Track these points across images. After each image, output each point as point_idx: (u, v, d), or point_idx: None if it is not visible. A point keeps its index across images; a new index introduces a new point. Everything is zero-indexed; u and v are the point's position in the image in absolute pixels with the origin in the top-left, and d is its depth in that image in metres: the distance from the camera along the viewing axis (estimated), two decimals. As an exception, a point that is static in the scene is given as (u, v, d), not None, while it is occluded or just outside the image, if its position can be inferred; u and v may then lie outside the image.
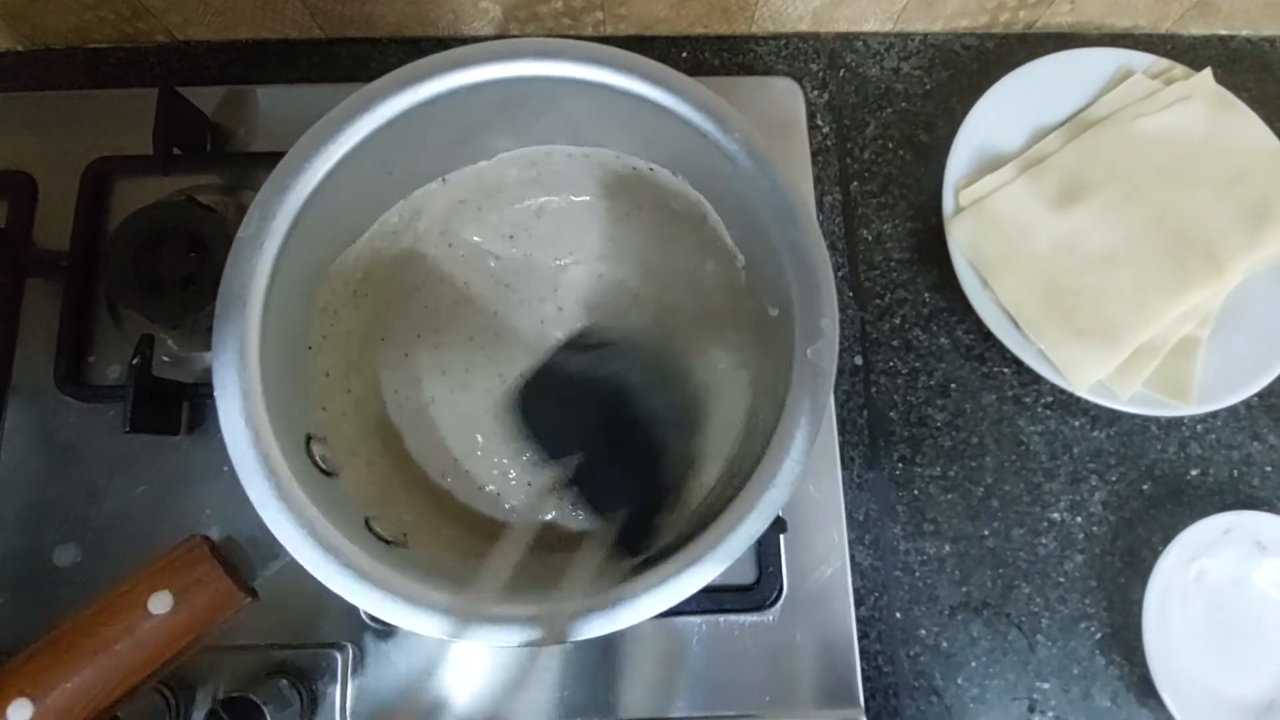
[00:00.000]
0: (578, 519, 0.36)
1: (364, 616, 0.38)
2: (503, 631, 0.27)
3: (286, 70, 0.48)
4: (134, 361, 0.37)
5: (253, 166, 0.44)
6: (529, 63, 0.30)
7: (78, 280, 0.42)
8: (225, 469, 0.29)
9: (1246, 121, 0.45)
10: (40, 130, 0.45)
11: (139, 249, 0.39)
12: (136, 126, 0.42)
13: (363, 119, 0.30)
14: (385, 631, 0.38)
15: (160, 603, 0.25)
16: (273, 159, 0.30)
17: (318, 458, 0.31)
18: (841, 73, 0.49)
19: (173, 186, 0.43)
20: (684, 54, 0.49)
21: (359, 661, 0.38)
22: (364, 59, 0.48)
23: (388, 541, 0.31)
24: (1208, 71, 0.45)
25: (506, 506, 0.37)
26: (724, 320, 0.37)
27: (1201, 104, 0.45)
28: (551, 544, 0.35)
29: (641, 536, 0.30)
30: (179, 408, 0.40)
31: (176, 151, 0.43)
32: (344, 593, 0.27)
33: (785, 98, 0.47)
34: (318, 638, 0.38)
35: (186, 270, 0.39)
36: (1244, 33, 0.50)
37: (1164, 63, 0.46)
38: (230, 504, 0.39)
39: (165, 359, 0.42)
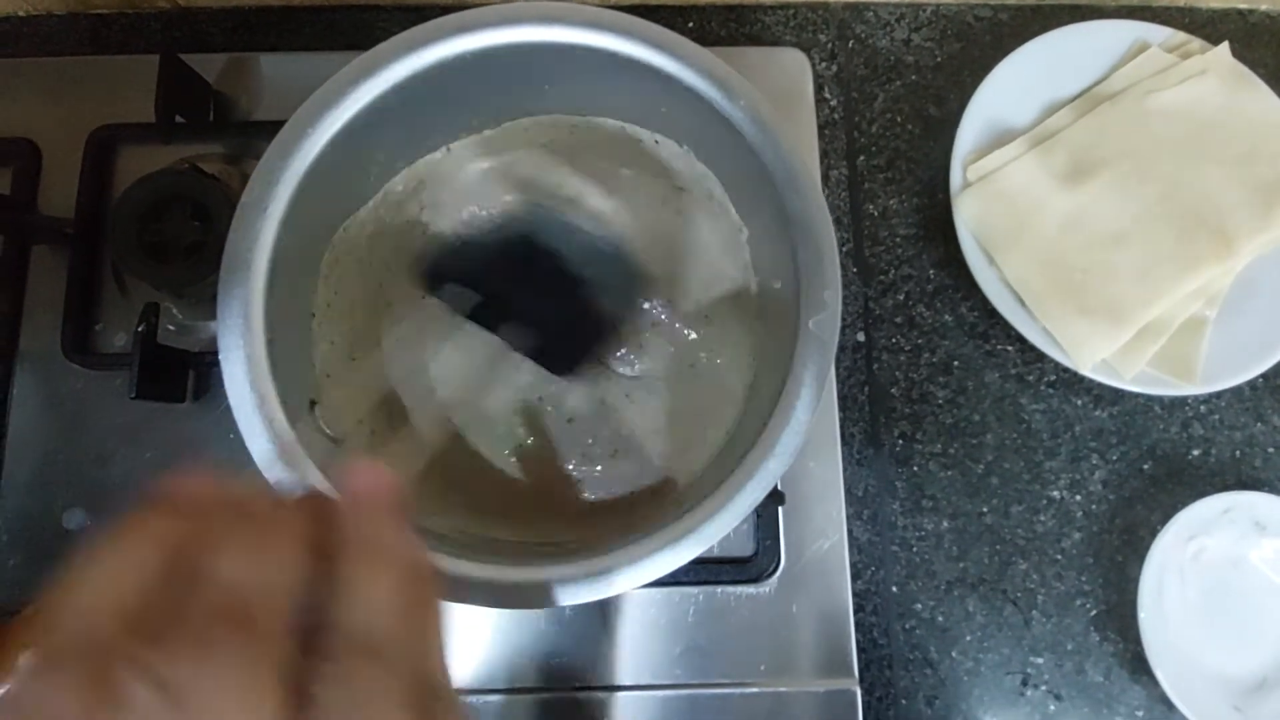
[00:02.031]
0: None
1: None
2: (500, 596, 0.27)
3: (290, 37, 0.47)
4: (139, 329, 0.37)
5: (256, 135, 0.43)
6: (532, 28, 0.30)
7: (83, 248, 0.42)
8: (231, 436, 0.29)
9: (1263, 98, 0.44)
10: (43, 97, 0.45)
11: (143, 217, 0.39)
12: (139, 94, 0.42)
13: (365, 84, 0.30)
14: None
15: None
16: (276, 128, 0.30)
17: (322, 423, 0.31)
18: (850, 44, 0.48)
19: (176, 155, 0.43)
20: (690, 23, 0.48)
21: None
22: (368, 26, 0.47)
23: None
24: (1225, 45, 0.45)
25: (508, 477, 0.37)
26: (726, 291, 0.37)
27: (1218, 79, 0.44)
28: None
29: (577, 360, 0.32)
30: (184, 375, 0.41)
31: (179, 119, 0.43)
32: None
33: (792, 69, 0.46)
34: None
35: (190, 239, 0.39)
36: (1263, 7, 0.49)
37: (1181, 36, 0.45)
38: (237, 470, 0.40)
39: (170, 327, 0.42)
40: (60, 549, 0.40)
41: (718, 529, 0.26)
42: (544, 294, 0.31)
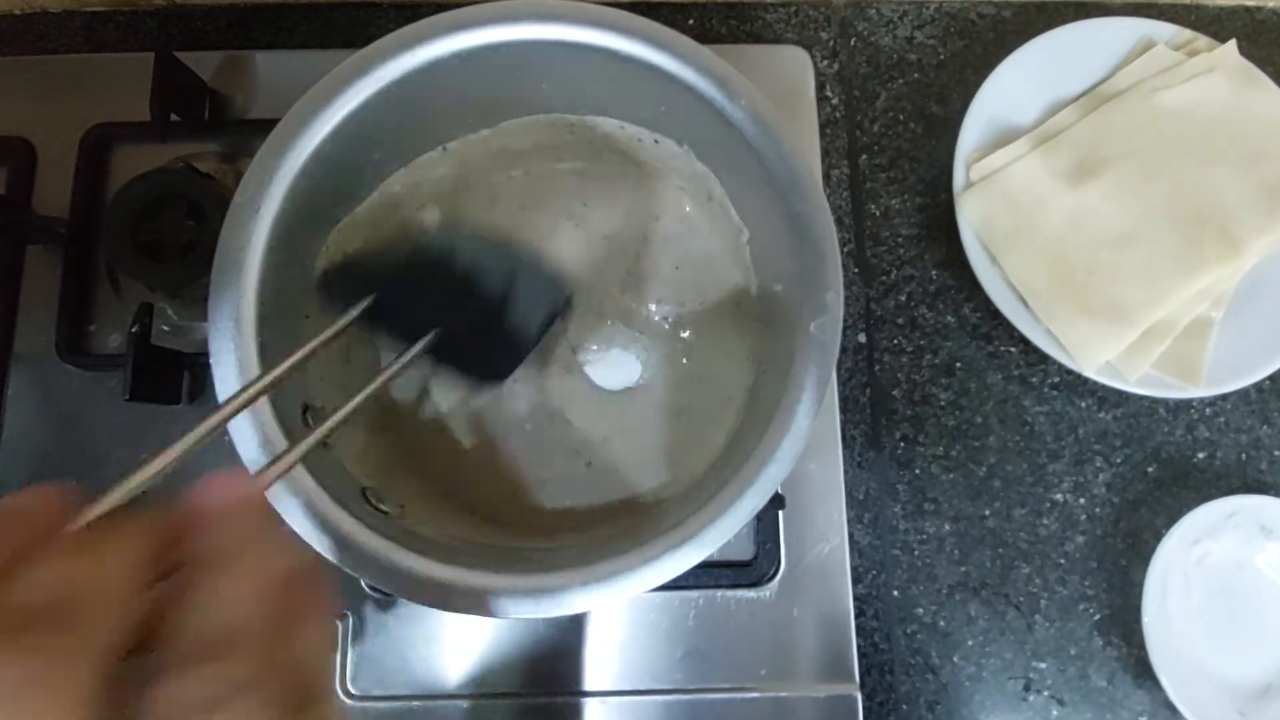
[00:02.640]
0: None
1: (364, 586, 0.38)
2: (497, 604, 0.27)
3: (285, 35, 0.47)
4: (133, 330, 0.37)
5: (251, 134, 0.43)
6: (529, 25, 0.29)
7: (77, 248, 0.42)
8: (225, 438, 0.29)
9: (1271, 97, 0.43)
10: (38, 95, 0.45)
11: (138, 216, 0.38)
12: (134, 92, 0.41)
13: (359, 83, 0.29)
14: (385, 601, 0.39)
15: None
16: (272, 126, 0.30)
17: (314, 428, 0.31)
18: (853, 42, 0.48)
19: (171, 153, 0.43)
20: (690, 21, 0.47)
21: (359, 631, 0.39)
22: (364, 23, 0.47)
23: (385, 512, 0.31)
24: (1232, 43, 0.44)
25: (509, 482, 0.37)
26: (726, 294, 0.36)
27: (1225, 77, 0.44)
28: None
29: (504, 371, 0.33)
30: (179, 377, 0.40)
31: (174, 118, 0.42)
32: (340, 562, 0.27)
33: (794, 67, 0.46)
34: (318, 606, 0.38)
35: (185, 238, 0.38)
36: (1271, 4, 0.48)
37: (1187, 34, 0.45)
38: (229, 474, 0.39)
39: (165, 328, 0.41)
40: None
41: (719, 535, 0.26)
42: (455, 305, 0.30)
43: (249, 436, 0.27)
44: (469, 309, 0.30)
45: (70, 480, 0.38)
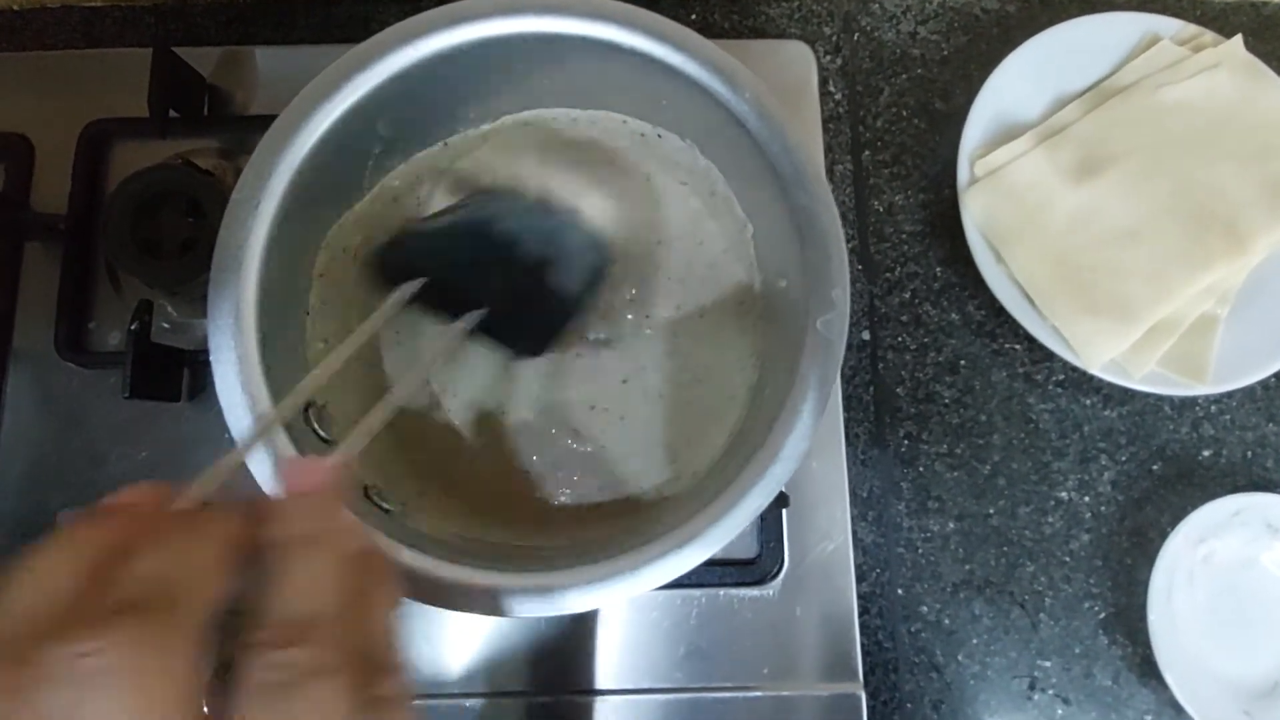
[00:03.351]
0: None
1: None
2: (500, 602, 0.26)
3: (285, 31, 0.47)
4: (132, 327, 0.36)
5: (251, 130, 0.42)
6: (531, 18, 0.29)
7: (76, 245, 0.41)
8: (226, 436, 0.29)
9: (1276, 92, 0.43)
10: (36, 91, 0.45)
11: (137, 213, 0.38)
12: (133, 88, 0.41)
13: (360, 78, 0.29)
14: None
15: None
16: (271, 122, 0.30)
17: (316, 425, 0.31)
18: (856, 37, 0.47)
19: (170, 150, 0.42)
20: (692, 15, 0.47)
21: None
22: (364, 18, 0.47)
23: (387, 510, 0.30)
24: (1238, 38, 0.44)
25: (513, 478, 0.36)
26: (730, 289, 0.36)
27: (1230, 73, 0.43)
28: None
29: (546, 342, 0.32)
30: (179, 374, 0.40)
31: (173, 114, 0.42)
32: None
33: (797, 62, 0.45)
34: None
35: (184, 235, 0.38)
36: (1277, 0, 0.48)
37: (1193, 28, 0.44)
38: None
39: (165, 325, 0.41)
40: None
41: (724, 533, 0.26)
42: (500, 277, 0.30)
43: (245, 422, 0.27)
44: (509, 277, 0.30)
45: (67, 478, 0.38)
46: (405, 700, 0.18)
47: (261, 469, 0.27)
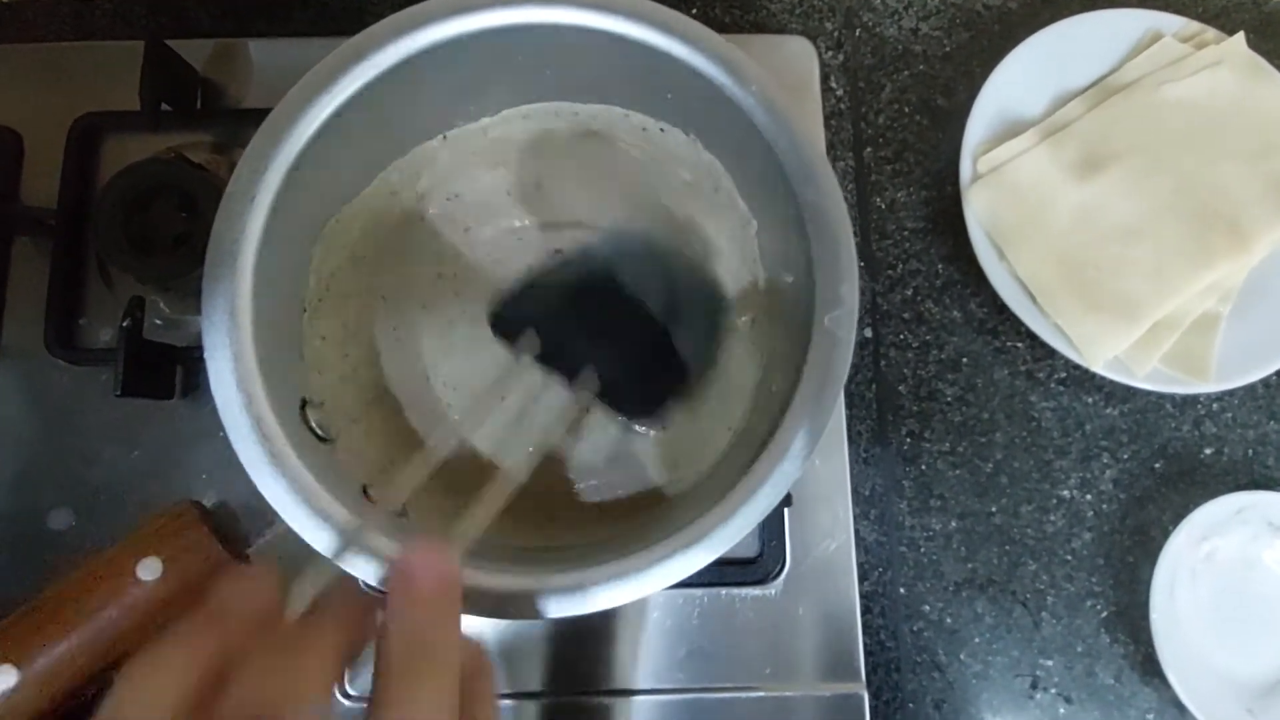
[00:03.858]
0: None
1: (363, 586, 0.37)
2: (535, 605, 0.26)
3: (279, 23, 0.46)
4: (124, 324, 0.36)
5: (244, 124, 0.42)
6: (532, 9, 0.28)
7: (66, 240, 0.41)
8: (220, 434, 0.28)
9: (1278, 90, 0.43)
10: (25, 84, 0.44)
11: (128, 208, 0.37)
12: (124, 81, 0.40)
13: (357, 69, 0.28)
14: (384, 600, 0.38)
15: (149, 569, 0.25)
16: (265, 116, 0.29)
17: (313, 423, 0.30)
18: (858, 33, 0.47)
19: (162, 144, 0.42)
20: (693, 10, 0.47)
21: (357, 630, 0.38)
22: (359, 11, 0.46)
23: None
24: (1240, 36, 0.44)
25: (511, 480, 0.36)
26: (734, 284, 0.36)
27: (1232, 70, 0.43)
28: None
29: (657, 406, 0.30)
30: (172, 371, 0.39)
31: (166, 107, 0.41)
32: (340, 560, 0.27)
33: (798, 58, 0.45)
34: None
35: (177, 230, 0.38)
36: (1278, -4, 0.48)
37: (1195, 26, 0.44)
38: (225, 470, 0.39)
39: (158, 322, 0.41)
40: (46, 550, 0.38)
41: (731, 534, 0.25)
42: (610, 335, 0.29)
43: (246, 432, 0.27)
44: (630, 333, 0.28)
45: (74, 511, 0.38)
46: None
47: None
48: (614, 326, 0.28)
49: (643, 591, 0.25)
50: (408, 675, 0.18)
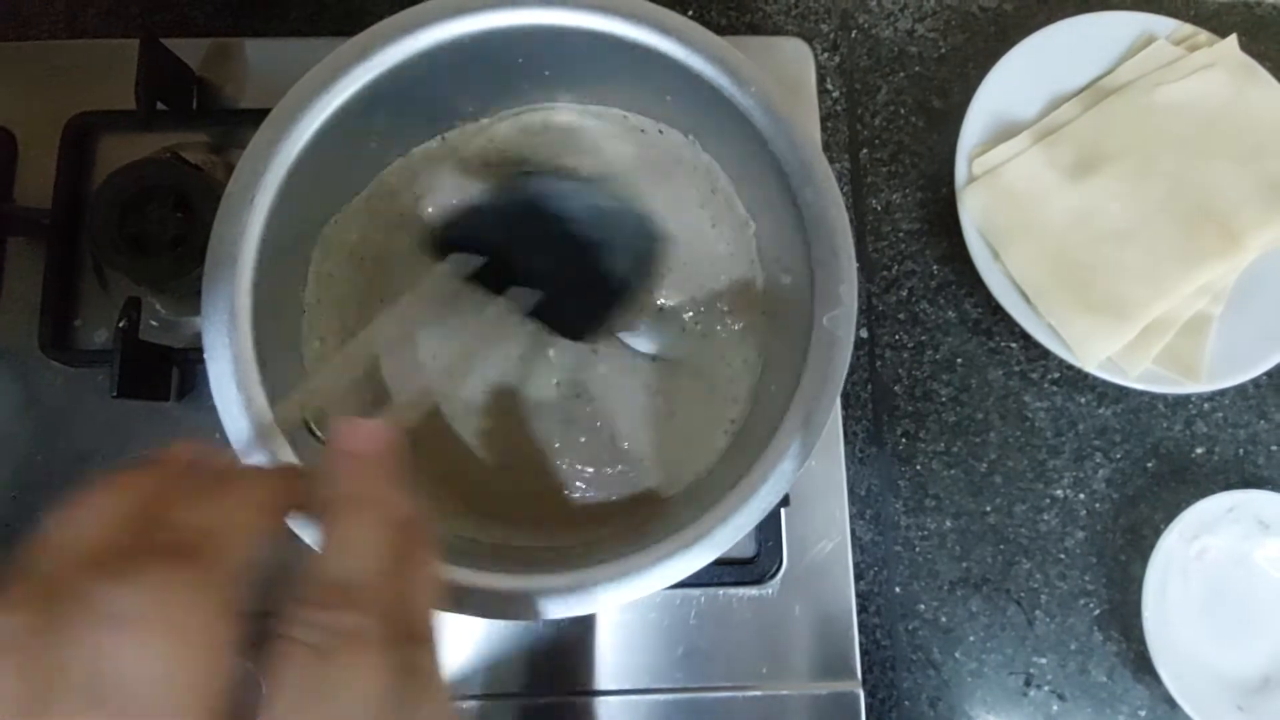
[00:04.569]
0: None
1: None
2: (535, 605, 0.26)
3: (276, 22, 0.46)
4: (120, 325, 0.36)
5: (241, 123, 0.42)
6: (532, 10, 0.29)
7: (61, 240, 0.40)
8: (218, 435, 0.28)
9: (1271, 92, 0.43)
10: (19, 83, 0.43)
11: (123, 208, 0.37)
12: (119, 80, 0.40)
13: (357, 69, 0.28)
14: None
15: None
16: (262, 116, 0.29)
17: (313, 424, 0.30)
18: (853, 34, 0.47)
19: (158, 143, 0.41)
20: (689, 12, 0.47)
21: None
22: (358, 11, 0.46)
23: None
24: (1233, 38, 0.44)
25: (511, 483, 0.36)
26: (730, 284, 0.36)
27: (1225, 72, 0.44)
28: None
29: (593, 325, 0.32)
30: (168, 373, 0.39)
31: (161, 106, 0.41)
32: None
33: (794, 60, 0.45)
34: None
35: (173, 231, 0.37)
36: (1270, 0, 0.48)
37: (1188, 28, 0.45)
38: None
39: (153, 323, 0.40)
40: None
41: (731, 534, 0.26)
42: (551, 256, 0.30)
43: (245, 433, 0.26)
44: (563, 257, 0.30)
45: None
46: (439, 672, 0.18)
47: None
48: (546, 249, 0.30)
49: (644, 591, 0.26)
50: (342, 519, 0.18)
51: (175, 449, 0.19)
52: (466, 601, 0.26)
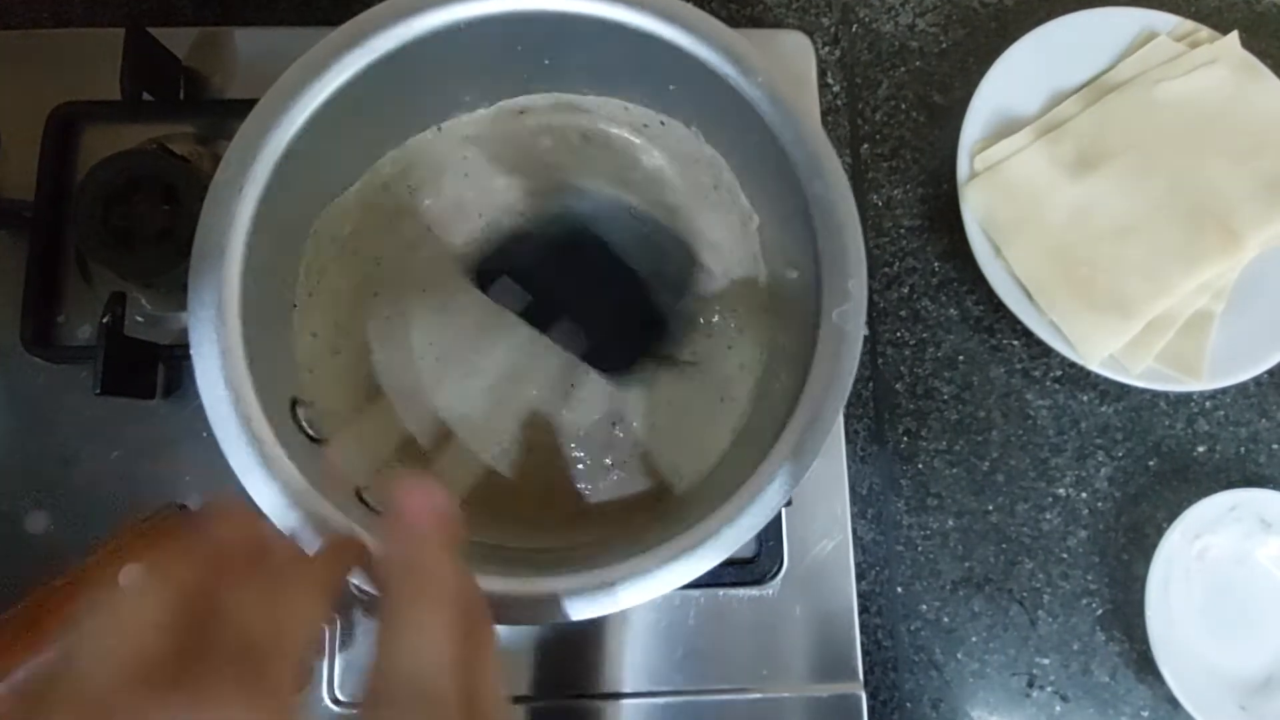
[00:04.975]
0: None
1: (352, 589, 0.36)
2: (560, 607, 0.25)
3: (265, 11, 0.45)
4: (104, 320, 0.35)
5: (229, 114, 0.41)
6: (532, -4, 0.28)
7: (44, 233, 0.39)
8: (205, 434, 0.27)
9: (1271, 89, 0.43)
10: (0, 72, 0.42)
11: (108, 200, 0.36)
12: (104, 69, 0.39)
13: (350, 55, 0.27)
14: (374, 604, 0.37)
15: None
16: (250, 106, 0.28)
17: (304, 423, 0.29)
18: (854, 28, 0.47)
19: (144, 134, 0.40)
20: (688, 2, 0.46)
21: (346, 635, 0.37)
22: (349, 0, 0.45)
23: (380, 513, 0.29)
24: (1234, 35, 0.44)
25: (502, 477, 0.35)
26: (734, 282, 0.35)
27: (1226, 69, 0.43)
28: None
29: (631, 359, 0.31)
30: (153, 370, 0.38)
31: (147, 97, 0.40)
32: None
33: (795, 53, 0.45)
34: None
35: (159, 225, 0.36)
36: (1270, -4, 0.48)
37: (1189, 25, 0.44)
38: (210, 471, 0.37)
39: (139, 319, 0.39)
40: (22, 553, 0.37)
41: (740, 534, 0.25)
42: (592, 289, 0.29)
43: (233, 432, 0.26)
44: (606, 290, 0.29)
45: (51, 513, 0.37)
46: None
47: (266, 499, 0.25)
48: (594, 283, 0.29)
49: (653, 593, 0.25)
50: (412, 600, 0.17)
51: (216, 519, 0.17)
52: (526, 611, 0.25)
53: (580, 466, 0.34)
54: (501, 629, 0.37)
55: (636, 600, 0.25)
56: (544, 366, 0.33)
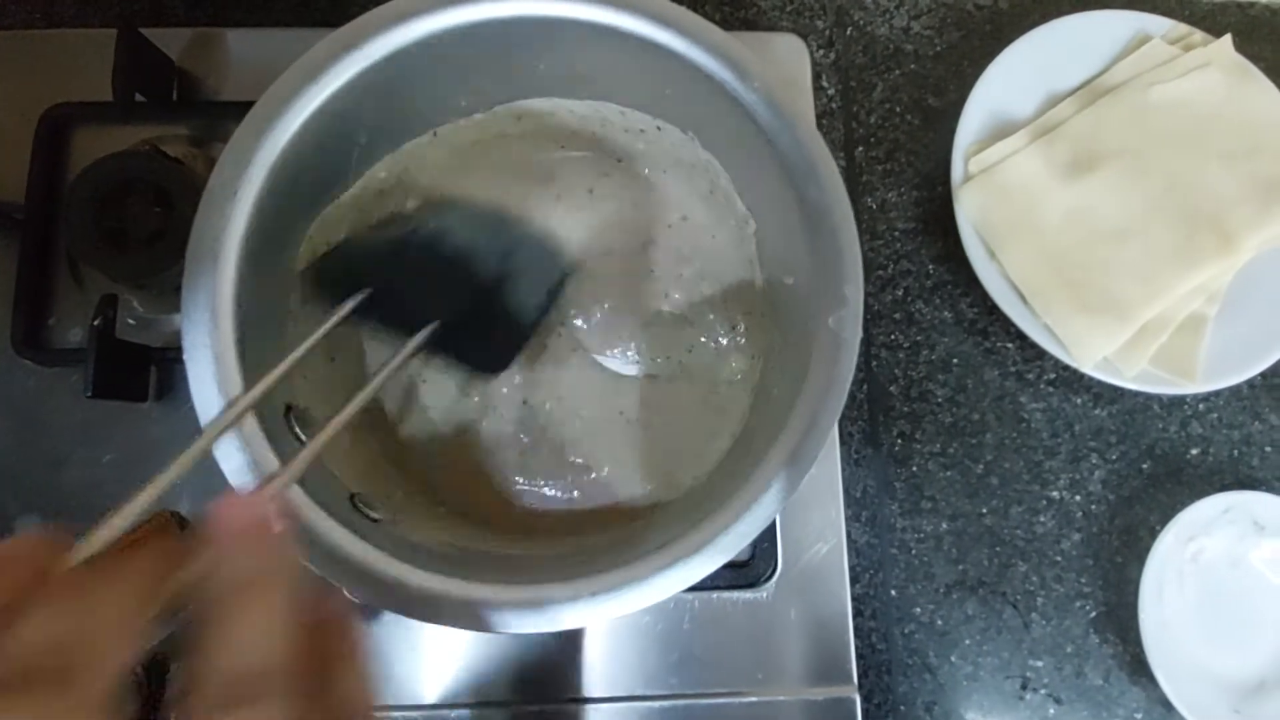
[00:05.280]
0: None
1: (346, 594, 0.36)
2: (486, 617, 0.25)
3: (259, 13, 0.44)
4: (95, 323, 0.34)
5: (222, 116, 0.41)
6: (527, 1, 0.28)
7: (35, 236, 0.39)
8: (196, 436, 0.27)
9: (1265, 92, 0.43)
10: (-10, 72, 0.42)
11: (100, 202, 0.36)
12: (96, 70, 0.39)
13: (347, 59, 0.27)
14: (367, 610, 0.37)
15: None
16: (244, 108, 0.28)
17: (298, 429, 0.29)
18: (849, 31, 0.47)
19: (136, 136, 0.40)
20: (681, 5, 0.46)
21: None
22: (344, 1, 0.45)
23: (375, 519, 0.29)
24: (1227, 38, 0.44)
25: (499, 487, 0.35)
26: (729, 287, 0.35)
27: (1220, 72, 0.44)
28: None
29: (505, 359, 0.31)
30: (145, 372, 0.38)
31: (139, 98, 0.40)
32: (326, 573, 0.26)
33: (789, 56, 0.45)
34: (298, 615, 0.36)
35: (151, 227, 0.36)
36: (1264, 0, 0.48)
37: (1183, 28, 0.44)
38: (203, 477, 0.37)
39: (130, 321, 0.39)
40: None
41: (736, 540, 0.25)
42: (452, 290, 0.29)
43: (226, 438, 0.25)
44: (465, 293, 0.29)
45: (43, 517, 0.36)
46: None
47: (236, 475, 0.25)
48: (448, 285, 0.29)
49: (650, 600, 0.25)
50: (228, 609, 0.16)
51: (16, 544, 0.16)
52: (468, 617, 0.25)
53: (581, 470, 0.34)
54: (501, 637, 0.38)
55: (633, 608, 0.25)
56: (446, 375, 0.33)
